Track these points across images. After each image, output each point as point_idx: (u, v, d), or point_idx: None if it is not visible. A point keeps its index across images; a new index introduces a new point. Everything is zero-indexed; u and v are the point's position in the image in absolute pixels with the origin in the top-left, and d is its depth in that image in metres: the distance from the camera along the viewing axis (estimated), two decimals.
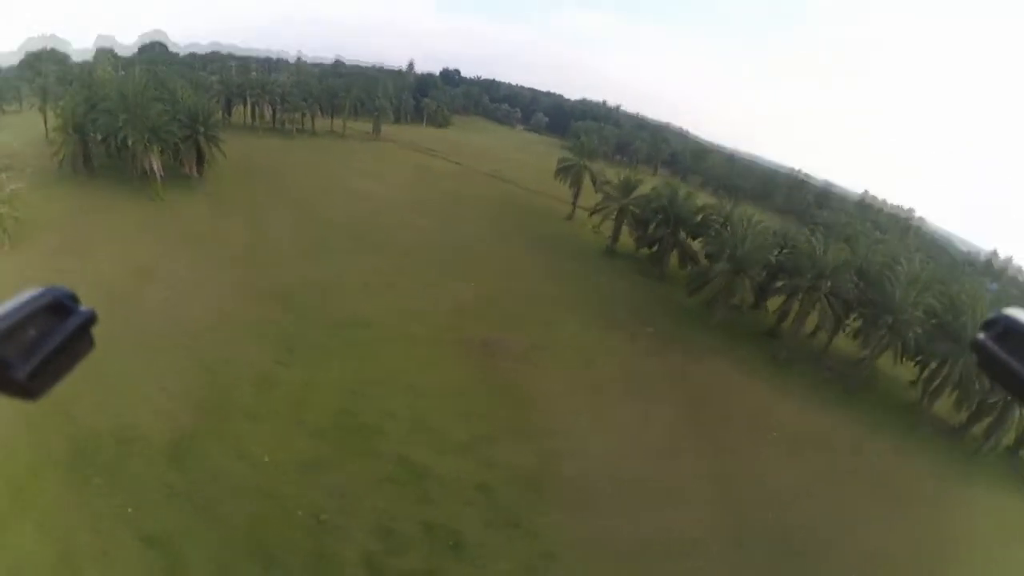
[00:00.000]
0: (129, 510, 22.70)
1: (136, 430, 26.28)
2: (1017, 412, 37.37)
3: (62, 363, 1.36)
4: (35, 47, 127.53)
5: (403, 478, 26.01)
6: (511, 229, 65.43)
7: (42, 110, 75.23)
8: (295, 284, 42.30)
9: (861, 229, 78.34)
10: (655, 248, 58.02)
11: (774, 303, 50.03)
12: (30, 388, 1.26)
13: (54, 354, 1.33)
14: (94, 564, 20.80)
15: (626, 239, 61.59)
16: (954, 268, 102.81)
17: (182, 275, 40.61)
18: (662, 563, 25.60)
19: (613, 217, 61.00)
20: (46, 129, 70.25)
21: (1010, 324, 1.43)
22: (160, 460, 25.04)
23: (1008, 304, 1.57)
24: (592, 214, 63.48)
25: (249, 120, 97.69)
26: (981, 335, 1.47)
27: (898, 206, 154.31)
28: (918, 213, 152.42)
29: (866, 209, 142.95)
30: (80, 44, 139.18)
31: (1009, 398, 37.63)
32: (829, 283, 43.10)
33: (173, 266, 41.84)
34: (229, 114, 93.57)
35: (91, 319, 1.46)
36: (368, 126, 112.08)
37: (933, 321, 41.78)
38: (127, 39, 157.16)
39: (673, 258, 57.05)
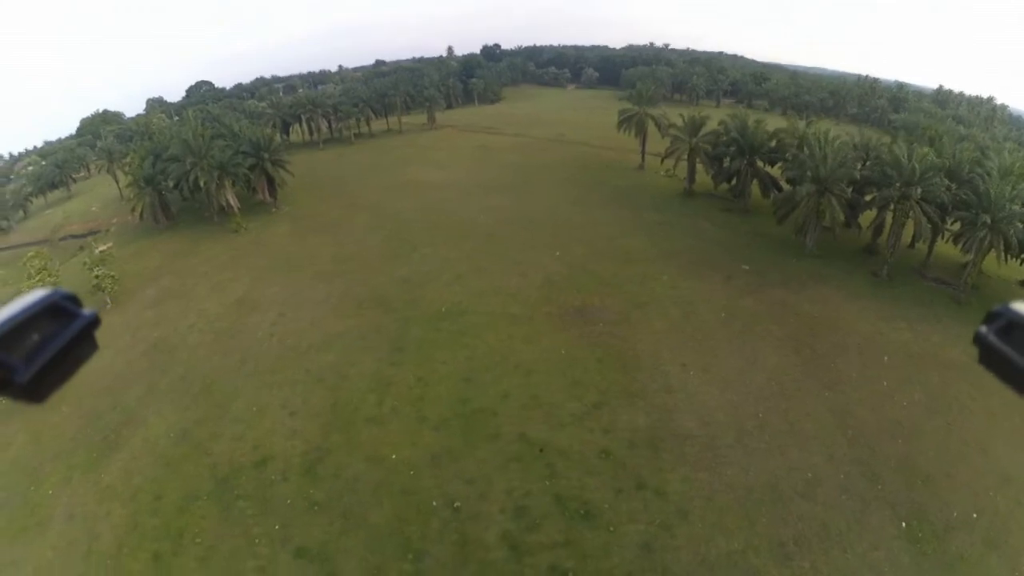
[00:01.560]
0: (277, 527, 24.75)
1: (270, 453, 28.40)
2: None
3: (66, 366, 1.36)
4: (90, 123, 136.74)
5: (527, 456, 26.80)
6: (585, 190, 64.45)
7: (110, 171, 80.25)
8: (388, 285, 43.61)
9: (943, 129, 71.65)
10: (734, 182, 55.98)
11: (866, 219, 47.05)
12: (34, 392, 1.27)
13: (57, 357, 1.33)
14: None
15: (703, 178, 59.72)
16: None
17: (280, 299, 42.76)
18: (794, 503, 25.31)
19: (685, 158, 59.14)
20: (119, 188, 75.31)
21: (1014, 317, 1.40)
22: (297, 477, 26.98)
23: None
24: (664, 160, 61.66)
25: (307, 136, 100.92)
26: (983, 328, 1.45)
27: (978, 96, 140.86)
28: (999, 100, 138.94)
29: (944, 103, 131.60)
30: (132, 113, 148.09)
31: None
32: (919, 190, 40.22)
33: (270, 291, 44.09)
34: (287, 135, 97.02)
35: (94, 321, 1.47)
36: (422, 118, 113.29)
37: None
38: (174, 98, 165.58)
39: (754, 189, 54.89)
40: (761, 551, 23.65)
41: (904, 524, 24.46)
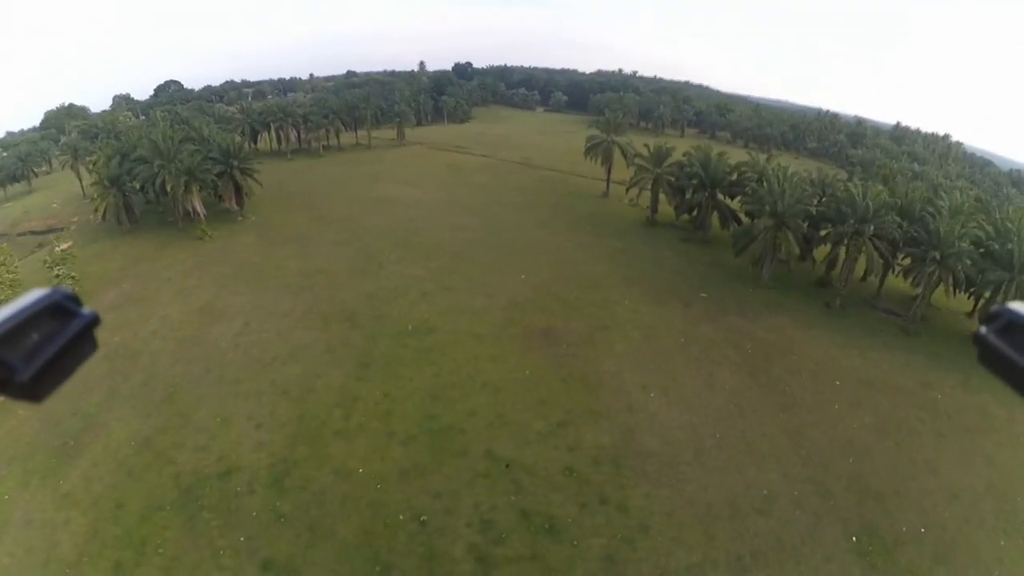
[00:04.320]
0: (243, 539, 24.50)
1: (235, 464, 28.04)
2: None
3: (65, 365, 1.37)
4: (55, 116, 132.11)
5: (494, 472, 27.27)
6: (550, 214, 65.82)
7: (74, 167, 77.13)
8: (355, 301, 43.55)
9: (898, 167, 76.33)
10: (695, 213, 57.84)
11: (821, 252, 49.56)
12: (34, 391, 1.28)
13: (57, 356, 1.34)
14: None
15: (665, 208, 61.53)
16: (999, 189, 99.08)
17: (245, 309, 42.21)
18: (752, 519, 26.47)
19: (649, 188, 60.89)
20: (81, 185, 72.71)
21: (1013, 318, 1.43)
22: (264, 489, 26.74)
23: None
24: (628, 189, 63.41)
25: (275, 145, 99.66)
26: (982, 329, 1.46)
27: (934, 134, 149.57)
28: (955, 138, 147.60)
29: (901, 140, 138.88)
30: (98, 108, 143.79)
31: None
32: (872, 227, 42.58)
33: (235, 300, 43.45)
34: (255, 142, 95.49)
35: (94, 321, 1.47)
36: (391, 133, 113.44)
37: (981, 250, 41.33)
38: (142, 95, 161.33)
39: (714, 220, 56.80)
40: (719, 565, 24.61)
41: (855, 538, 25.76)
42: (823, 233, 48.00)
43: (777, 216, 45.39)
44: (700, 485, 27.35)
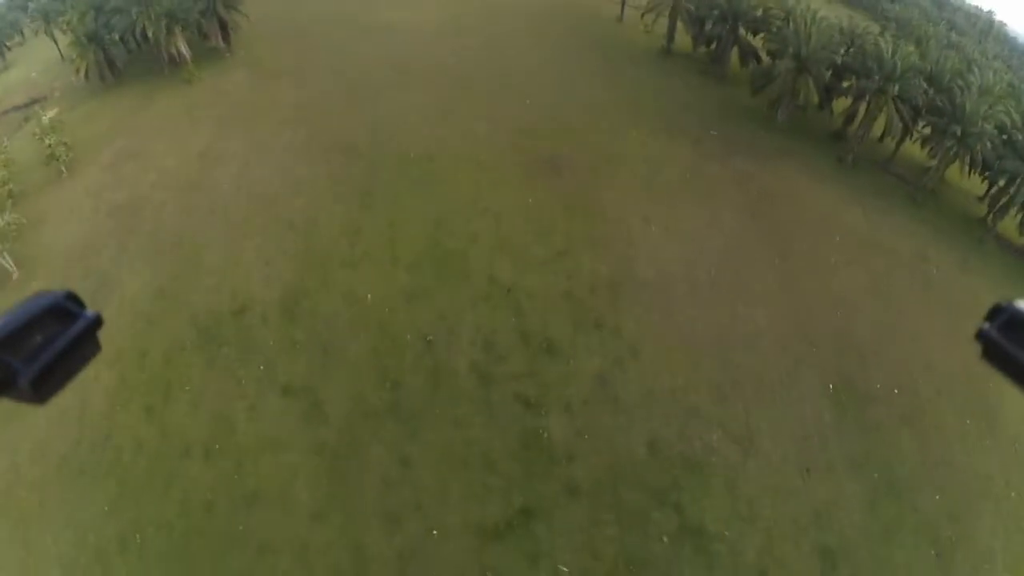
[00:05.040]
0: (261, 368, 26.22)
1: (248, 300, 29.20)
2: None
3: (68, 367, 1.36)
4: None
5: (495, 295, 28.48)
6: (560, 38, 61.41)
7: (47, 32, 71.54)
8: (355, 131, 42.24)
9: (934, 30, 69.95)
10: (714, 46, 54.37)
11: (840, 105, 47.30)
12: (37, 393, 1.27)
13: (60, 358, 1.33)
14: (246, 420, 24.77)
15: (682, 38, 57.34)
16: None
17: (243, 148, 41.35)
18: (735, 353, 28.09)
19: (667, 15, 56.16)
20: (58, 49, 68.31)
21: (1015, 314, 1.44)
22: (277, 320, 28.12)
23: None
24: (644, 14, 58.35)
25: None
26: (985, 325, 1.48)
27: (977, 7, 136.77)
28: (999, 17, 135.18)
29: (942, 6, 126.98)
30: None
31: None
32: (897, 87, 40.30)
33: (231, 141, 42.42)
34: None
35: (96, 322, 1.46)
36: None
37: (1004, 136, 39.72)
38: None
39: (733, 56, 53.37)
40: (701, 390, 26.59)
41: (831, 387, 27.41)
42: (845, 85, 45.63)
43: (800, 60, 42.90)
44: (691, 316, 28.63)
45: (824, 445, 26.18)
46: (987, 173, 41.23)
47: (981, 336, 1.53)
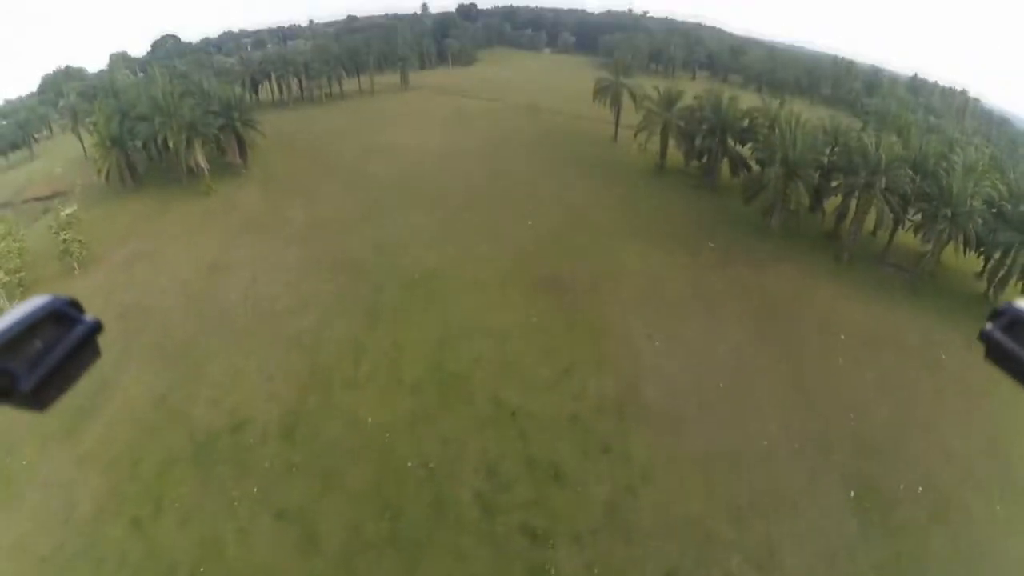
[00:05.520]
0: (256, 490, 25.35)
1: (248, 416, 28.77)
2: None
3: (68, 373, 1.37)
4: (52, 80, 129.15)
5: (500, 419, 27.90)
6: (558, 160, 64.48)
7: (74, 130, 76.09)
8: (362, 250, 43.45)
9: (913, 118, 73.55)
10: (705, 160, 56.60)
11: (831, 204, 48.53)
12: (37, 399, 1.28)
13: (60, 365, 1.33)
14: (235, 543, 23.66)
15: (674, 154, 60.13)
16: (1015, 148, 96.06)
17: (253, 261, 42.37)
18: (750, 470, 26.99)
19: (658, 133, 59.27)
20: (83, 148, 71.84)
21: (1017, 314, 1.44)
22: (276, 440, 27.52)
23: None
24: (637, 133, 61.53)
25: (277, 95, 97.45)
26: (988, 325, 1.48)
27: (951, 88, 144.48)
28: (973, 93, 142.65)
29: (917, 92, 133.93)
30: (95, 68, 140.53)
31: None
32: (884, 180, 41.53)
33: (242, 254, 43.60)
34: (257, 93, 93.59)
35: (96, 328, 1.47)
36: (395, 78, 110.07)
37: (993, 210, 40.44)
38: (139, 52, 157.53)
39: (724, 167, 55.60)
40: (717, 513, 25.29)
41: (853, 493, 26.18)
42: (834, 184, 46.79)
43: (788, 165, 44.43)
44: (702, 435, 27.83)
45: (852, 556, 24.54)
46: (982, 249, 41.58)
47: (984, 336, 1.50)
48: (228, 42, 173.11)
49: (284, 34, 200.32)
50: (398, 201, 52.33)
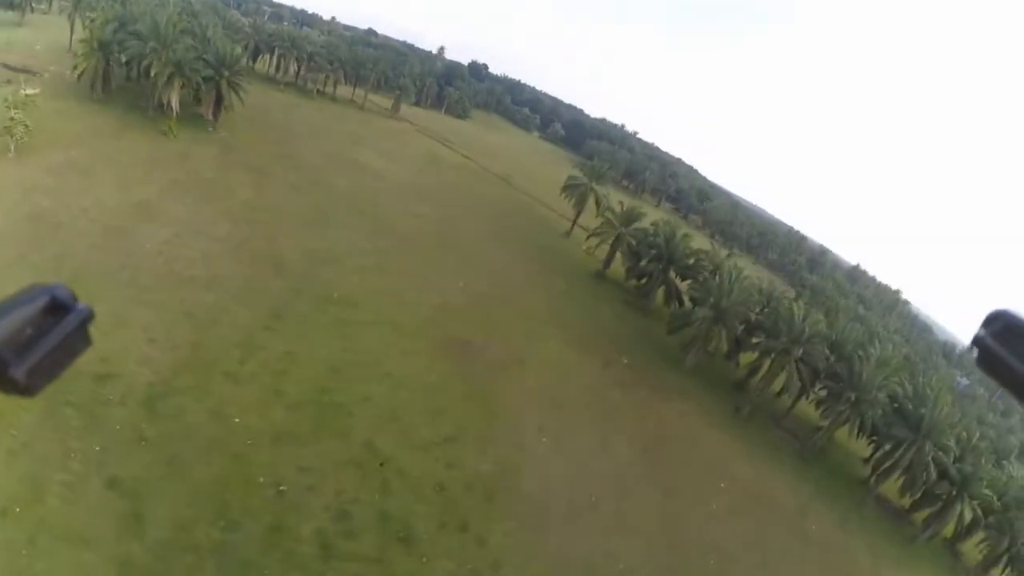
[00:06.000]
0: (97, 448, 23.19)
1: (116, 370, 26.56)
2: (958, 507, 38.61)
3: (59, 360, 1.38)
4: None
5: (367, 464, 26.76)
6: (509, 235, 65.88)
7: (71, 17, 73.08)
8: (291, 251, 42.40)
9: (844, 304, 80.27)
10: (644, 281, 59.01)
11: (747, 358, 51.25)
12: (27, 385, 1.29)
13: (51, 351, 1.34)
14: (58, 495, 21.35)
15: (617, 266, 62.56)
16: (929, 355, 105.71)
17: (182, 220, 40.49)
18: None
19: (609, 243, 61.89)
20: (71, 38, 68.94)
21: (1011, 321, 1.41)
22: (135, 407, 25.48)
23: (967, 417, 1.86)
24: (589, 237, 64.26)
25: (272, 71, 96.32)
26: (981, 332, 1.44)
27: (886, 285, 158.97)
28: (904, 295, 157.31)
29: (855, 281, 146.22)
30: None
31: (946, 496, 39.35)
32: (801, 350, 44.42)
33: (175, 208, 41.64)
34: (253, 62, 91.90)
35: (88, 316, 1.47)
36: (388, 102, 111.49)
37: (895, 405, 43.31)
38: None
39: (659, 294, 58.07)
40: None
41: None
42: (755, 341, 49.40)
43: (718, 310, 46.80)
44: (563, 540, 27.56)
45: None
46: (875, 437, 43.74)
47: (976, 342, 1.43)
48: (250, 1, 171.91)
49: (304, 18, 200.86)
50: (345, 216, 51.94)
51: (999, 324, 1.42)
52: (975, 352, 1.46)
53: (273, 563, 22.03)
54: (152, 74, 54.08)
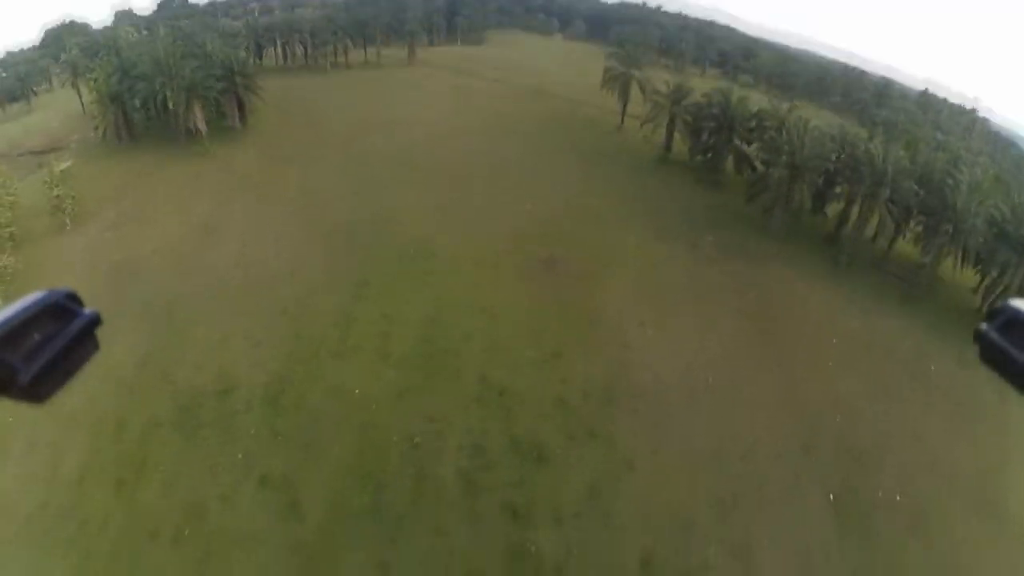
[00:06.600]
0: (240, 456, 25.06)
1: (233, 382, 28.37)
2: None
3: (67, 366, 1.35)
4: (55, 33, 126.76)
5: (486, 397, 27.61)
6: (561, 145, 63.57)
7: (74, 85, 74.91)
8: (355, 221, 42.84)
9: (922, 134, 73.28)
10: (710, 155, 56.28)
11: (834, 208, 48.60)
12: (35, 392, 1.26)
13: (59, 357, 1.32)
14: (218, 509, 23.43)
15: (679, 146, 59.56)
16: (1018, 171, 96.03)
17: (245, 226, 41.78)
18: (734, 463, 26.92)
19: (664, 126, 59.14)
20: (82, 103, 70.80)
21: (1014, 314, 1.41)
22: (261, 407, 27.18)
23: None
24: (643, 124, 61.30)
25: (281, 61, 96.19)
26: (984, 325, 1.45)
27: (960, 104, 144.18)
28: (983, 105, 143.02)
29: (927, 107, 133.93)
30: (99, 24, 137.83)
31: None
32: (888, 191, 41.73)
33: (235, 218, 42.98)
34: (260, 58, 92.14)
35: (95, 321, 1.46)
36: (402, 52, 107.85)
37: (995, 229, 40.61)
38: (145, 10, 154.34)
39: (729, 164, 55.34)
40: (698, 503, 25.24)
41: (832, 497, 26.07)
42: (838, 190, 47.10)
43: (793, 167, 44.35)
44: (688, 426, 27.67)
45: (827, 558, 24.53)
46: (980, 265, 41.82)
47: (979, 336, 1.47)
48: (235, 5, 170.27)
49: (293, 1, 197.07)
50: (395, 175, 51.51)
51: (1004, 317, 1.42)
52: (978, 346, 1.46)
53: (424, 511, 23.43)
54: (170, 105, 55.20)
